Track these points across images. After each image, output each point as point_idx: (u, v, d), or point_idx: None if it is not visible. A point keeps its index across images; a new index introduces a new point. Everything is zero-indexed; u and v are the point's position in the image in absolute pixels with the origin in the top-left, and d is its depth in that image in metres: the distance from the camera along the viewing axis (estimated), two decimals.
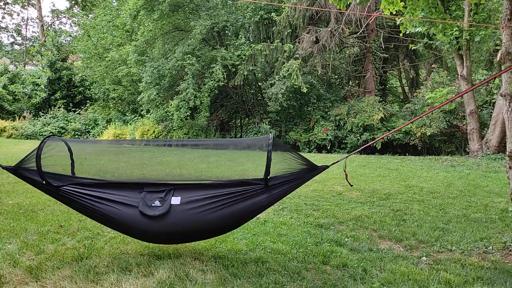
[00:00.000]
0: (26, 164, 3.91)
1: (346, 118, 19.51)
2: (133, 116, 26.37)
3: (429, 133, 17.98)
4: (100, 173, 4.87)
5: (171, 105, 19.48)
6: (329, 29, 18.88)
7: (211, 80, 18.64)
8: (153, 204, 3.77)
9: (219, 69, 18.42)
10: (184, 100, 18.73)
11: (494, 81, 15.40)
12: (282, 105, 19.46)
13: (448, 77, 19.45)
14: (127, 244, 4.68)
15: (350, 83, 21.77)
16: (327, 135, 19.56)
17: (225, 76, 18.96)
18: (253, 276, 3.81)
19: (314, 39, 19.26)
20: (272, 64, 20.52)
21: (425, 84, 20.06)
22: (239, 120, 24.73)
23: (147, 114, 23.72)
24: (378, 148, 18.90)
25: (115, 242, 4.74)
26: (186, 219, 3.75)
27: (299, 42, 19.45)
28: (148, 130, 22.90)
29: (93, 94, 29.50)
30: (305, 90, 18.39)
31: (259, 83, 22.16)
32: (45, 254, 4.35)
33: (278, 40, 19.78)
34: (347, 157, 3.95)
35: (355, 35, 20.37)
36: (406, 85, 27.21)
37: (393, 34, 21.52)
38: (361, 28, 19.10)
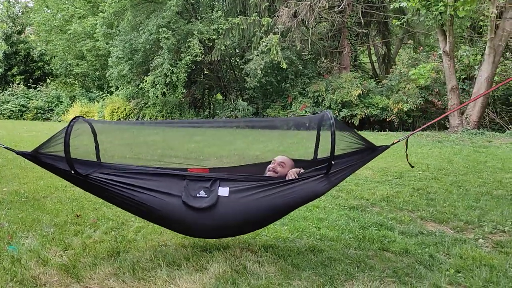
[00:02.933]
0: (48, 149, 3.38)
1: (324, 95, 19.39)
2: (101, 93, 25.15)
3: (405, 109, 18.19)
4: (129, 159, 4.42)
5: (145, 81, 18.64)
6: (308, 2, 18.48)
7: (188, 55, 17.93)
8: (197, 195, 3.31)
9: (196, 43, 17.70)
10: (160, 76, 17.94)
11: (475, 57, 15.63)
12: (260, 81, 19.04)
13: (424, 53, 19.63)
14: (161, 234, 4.28)
15: (327, 59, 21.59)
16: (306, 112, 19.40)
17: (202, 51, 18.29)
18: (317, 266, 3.53)
19: (293, 13, 18.82)
20: (249, 38, 19.96)
21: (401, 60, 20.16)
22: (213, 97, 24.13)
23: (116, 90, 22.66)
24: (356, 125, 18.95)
25: (146, 232, 4.32)
26: (236, 211, 3.32)
27: (277, 16, 18.97)
28: (118, 107, 21.99)
29: (54, 70, 27.88)
30: (284, 66, 18.06)
31: (237, 59, 21.54)
32: (74, 249, 3.88)
33: (256, 14, 19.21)
34: (408, 136, 3.68)
35: (335, 10, 20.07)
36: (375, 61, 27.38)
37: (367, 9, 21.43)
38: (342, 2, 18.80)
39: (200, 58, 18.10)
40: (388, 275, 3.39)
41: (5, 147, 3.50)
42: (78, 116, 3.50)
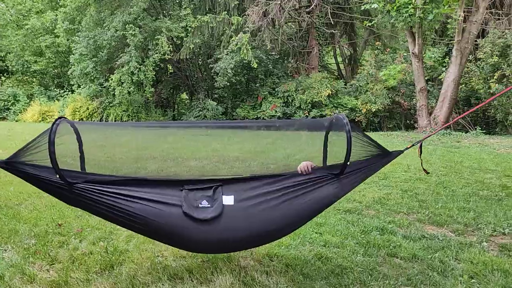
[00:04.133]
0: (26, 155, 2.95)
1: (294, 95, 19.37)
2: (61, 91, 24.08)
3: (374, 110, 18.46)
4: (119, 169, 4.10)
5: (111, 79, 17.96)
6: (279, 2, 18.39)
7: (156, 53, 17.42)
8: (200, 205, 2.97)
9: (164, 41, 17.23)
10: (127, 74, 17.33)
11: (443, 59, 16.02)
12: (230, 80, 18.78)
13: (391, 55, 19.99)
14: (155, 244, 3.97)
15: (295, 59, 21.59)
16: (276, 111, 19.32)
17: (171, 49, 17.83)
18: (328, 275, 3.36)
19: (263, 12, 18.68)
20: (218, 37, 19.65)
21: (369, 61, 20.43)
22: (179, 96, 23.62)
23: (78, 89, 21.74)
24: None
25: (139, 242, 4.01)
26: (243, 221, 3.02)
27: (247, 15, 18.77)
28: (80, 107, 21.12)
29: (10, 67, 26.48)
30: (255, 65, 17.89)
31: (206, 58, 21.13)
32: (61, 263, 3.53)
33: (225, 12, 18.93)
34: (422, 140, 3.56)
35: (304, 10, 20.08)
36: (341, 62, 27.66)
37: (334, 10, 21.60)
38: (312, 2, 18.81)
39: (169, 56, 17.64)
40: (402, 283, 3.27)
41: None
42: (63, 117, 3.10)
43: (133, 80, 17.47)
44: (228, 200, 3.03)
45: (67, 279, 3.24)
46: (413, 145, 3.55)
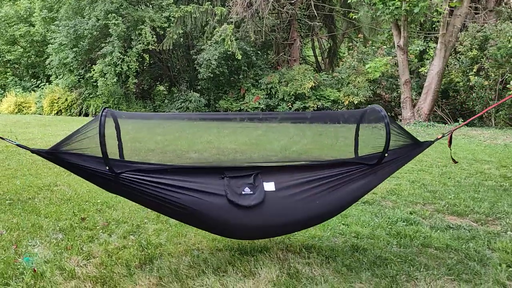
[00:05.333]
0: (69, 145, 2.91)
1: (277, 87, 19.37)
2: (38, 82, 23.28)
3: (356, 102, 18.68)
4: (158, 157, 4.02)
5: (93, 70, 17.49)
6: None
7: (140, 43, 17.06)
8: (243, 192, 3.02)
9: (148, 31, 16.88)
10: (110, 65, 16.91)
11: (428, 51, 16.33)
12: (214, 72, 18.61)
13: (373, 48, 20.23)
14: (187, 237, 3.92)
15: (278, 51, 21.58)
16: (259, 103, 19.29)
17: (155, 39, 17.50)
18: (371, 266, 3.38)
19: (248, 3, 18.54)
20: (202, 28, 19.41)
21: (351, 53, 20.61)
22: (160, 87, 23.21)
23: (56, 79, 21.08)
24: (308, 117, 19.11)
25: (170, 235, 3.94)
26: (286, 207, 3.09)
27: (231, 6, 18.60)
28: (59, 98, 20.53)
29: None
30: (239, 57, 17.79)
31: (189, 49, 20.81)
32: (98, 258, 3.43)
33: (209, 3, 18.71)
34: (452, 131, 3.63)
35: (288, 1, 20.03)
36: (319, 54, 27.81)
37: (314, 2, 21.66)
38: None
39: (153, 47, 17.31)
40: (445, 273, 3.32)
41: (17, 145, 2.97)
42: (106, 108, 3.04)
43: (116, 71, 17.07)
44: (269, 186, 3.09)
45: (111, 274, 3.15)
46: (443, 135, 3.61)
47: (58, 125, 13.92)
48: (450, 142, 3.72)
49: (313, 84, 19.03)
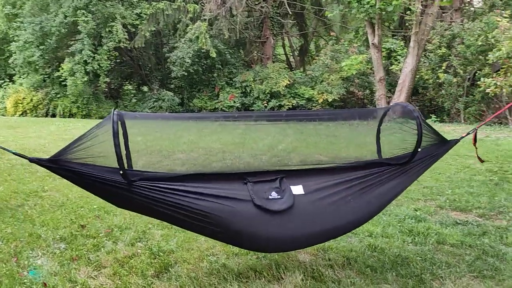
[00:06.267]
0: (72, 153, 2.63)
1: (252, 85, 19.26)
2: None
3: (330, 99, 18.82)
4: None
5: (62, 68, 16.83)
6: None
7: (111, 41, 16.54)
8: (270, 196, 2.78)
9: (120, 28, 16.39)
10: (80, 64, 16.31)
11: (402, 49, 16.62)
12: (187, 70, 18.29)
13: (345, 46, 20.43)
14: (198, 242, 3.75)
15: (251, 49, 21.47)
16: (234, 102, 19.12)
17: (127, 37, 17.02)
18: (394, 267, 3.33)
19: (221, 0, 18.31)
20: (174, 25, 19.05)
21: (324, 51, 20.73)
22: (131, 86, 22.60)
23: (19, 79, 20.16)
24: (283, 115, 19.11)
25: (179, 241, 3.76)
26: (317, 212, 2.86)
27: (204, 3, 18.33)
28: (23, 98, 19.65)
29: None
30: (214, 55, 17.57)
31: (162, 47, 20.36)
32: (109, 268, 3.22)
33: (181, 0, 18.36)
34: (477, 128, 3.58)
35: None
36: (289, 52, 27.88)
37: (288, 0, 21.67)
38: None
39: (125, 45, 16.84)
40: (467, 270, 3.30)
41: (13, 153, 2.69)
42: (115, 110, 2.75)
43: (87, 70, 16.48)
44: (297, 190, 2.86)
45: (127, 285, 2.95)
46: (468, 133, 3.56)
47: (27, 126, 13.29)
48: (475, 140, 3.65)
49: (288, 82, 19.04)
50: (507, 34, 12.61)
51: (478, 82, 13.73)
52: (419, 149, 3.09)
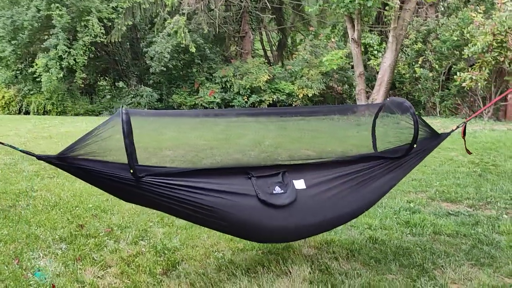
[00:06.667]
0: (79, 150, 2.63)
1: (232, 80, 19.19)
2: None
3: (310, 95, 18.96)
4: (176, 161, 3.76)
5: (36, 64, 16.37)
6: None
7: (87, 35, 16.17)
8: (274, 191, 2.89)
9: (96, 22, 16.04)
10: (55, 59, 15.90)
11: (378, 44, 16.86)
12: (166, 65, 18.08)
13: (324, 41, 20.58)
14: (200, 238, 3.75)
15: (230, 43, 21.38)
16: (215, 97, 19.01)
17: (103, 31, 16.68)
18: (396, 257, 3.41)
19: None
20: (151, 19, 18.78)
21: (303, 46, 20.79)
22: (106, 82, 22.21)
23: None
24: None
25: (183, 238, 3.74)
26: (318, 205, 3.01)
27: None
28: None
29: None
30: (193, 50, 17.42)
31: (139, 42, 20.02)
32: (116, 267, 3.18)
33: None
34: (466, 122, 3.71)
35: None
36: (267, 47, 27.91)
37: None
38: None
39: (102, 39, 16.50)
40: (466, 258, 3.41)
41: (21, 151, 2.65)
42: (123, 108, 2.75)
43: (62, 66, 16.09)
44: (299, 184, 2.99)
45: (137, 284, 2.93)
46: (458, 127, 3.69)
47: (2, 124, 12.90)
48: (464, 133, 3.78)
49: (268, 78, 19.06)
50: (482, 29, 12.94)
51: (455, 77, 14.07)
52: (415, 145, 3.22)
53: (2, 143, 2.62)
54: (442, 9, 19.94)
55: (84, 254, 3.37)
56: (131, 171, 2.61)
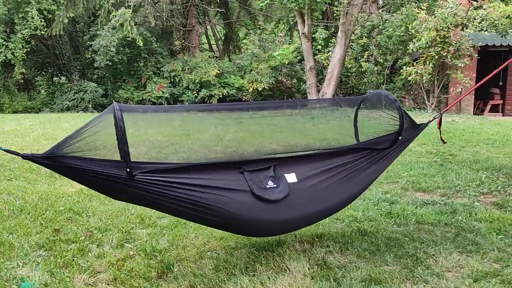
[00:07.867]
0: (69, 148, 2.48)
1: (181, 75, 18.81)
2: None
3: (260, 89, 19.02)
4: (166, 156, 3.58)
5: None
6: None
7: (26, 28, 15.15)
8: (267, 186, 2.90)
9: (35, 14, 15.07)
10: None
11: (331, 40, 17.17)
12: (112, 59, 17.36)
13: (274, 35, 20.70)
14: (188, 238, 3.59)
15: (178, 37, 20.91)
16: (163, 92, 18.54)
17: (44, 24, 15.70)
18: (390, 248, 3.45)
19: None
20: (94, 12, 17.93)
21: (252, 40, 20.76)
22: (45, 77, 21.00)
23: None
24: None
25: (170, 239, 3.58)
26: (310, 198, 3.05)
27: None
28: None
29: None
30: (141, 43, 16.87)
31: (83, 34, 19.04)
32: (106, 273, 2.96)
33: None
34: (442, 113, 3.84)
35: None
36: (213, 42, 27.65)
37: None
38: None
39: (42, 32, 15.52)
40: (454, 247, 3.51)
41: (5, 150, 2.44)
42: (117, 103, 2.64)
43: None
44: (290, 178, 3.03)
45: None
46: (434, 118, 3.82)
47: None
48: (439, 124, 3.92)
49: (218, 72, 18.86)
50: (426, 25, 13.55)
51: (401, 71, 14.64)
52: (400, 137, 3.32)
53: None
54: (381, 2, 20.65)
55: (68, 260, 3.12)
56: (128, 170, 2.50)
